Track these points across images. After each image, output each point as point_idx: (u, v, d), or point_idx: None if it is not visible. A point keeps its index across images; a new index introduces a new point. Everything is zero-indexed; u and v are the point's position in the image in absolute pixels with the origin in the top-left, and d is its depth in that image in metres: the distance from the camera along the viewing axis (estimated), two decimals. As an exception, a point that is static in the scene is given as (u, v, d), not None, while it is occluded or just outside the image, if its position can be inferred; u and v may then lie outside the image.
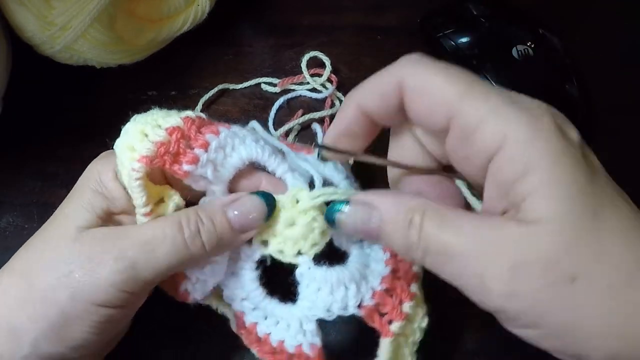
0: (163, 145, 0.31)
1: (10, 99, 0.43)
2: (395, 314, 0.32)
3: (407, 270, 0.33)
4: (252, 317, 0.33)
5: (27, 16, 0.40)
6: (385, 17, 0.51)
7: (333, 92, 0.46)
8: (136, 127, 0.31)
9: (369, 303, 0.32)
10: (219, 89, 0.47)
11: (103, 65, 0.44)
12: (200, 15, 0.45)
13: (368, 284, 0.32)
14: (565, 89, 0.44)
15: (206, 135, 0.32)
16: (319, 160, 0.32)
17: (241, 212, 0.31)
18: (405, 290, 0.32)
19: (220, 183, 0.33)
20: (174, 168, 0.31)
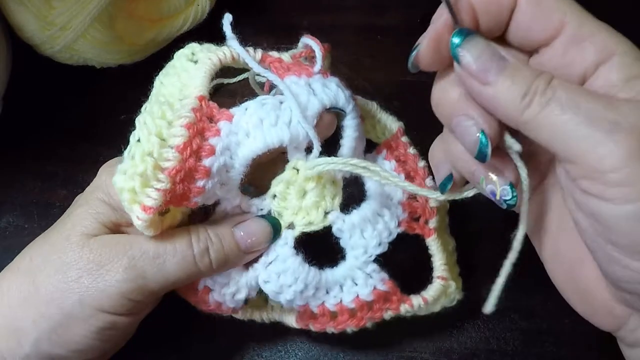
0: (168, 192, 0.29)
1: (10, 99, 0.43)
2: (427, 213, 0.35)
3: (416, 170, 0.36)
4: (317, 300, 0.33)
5: (27, 16, 0.40)
6: (385, 17, 0.51)
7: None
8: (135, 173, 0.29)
9: (404, 216, 0.34)
10: (214, 84, 0.47)
11: (103, 65, 0.44)
12: (200, 15, 0.45)
13: (394, 199, 0.34)
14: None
15: (205, 161, 0.30)
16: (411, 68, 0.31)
17: (249, 234, 0.32)
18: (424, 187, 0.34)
19: (231, 190, 0.33)
20: (183, 204, 0.31)
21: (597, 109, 0.24)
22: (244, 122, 0.31)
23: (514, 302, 0.40)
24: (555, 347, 0.39)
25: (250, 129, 0.31)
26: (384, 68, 0.48)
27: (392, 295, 0.33)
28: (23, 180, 0.44)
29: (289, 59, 0.34)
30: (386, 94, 0.47)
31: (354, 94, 0.35)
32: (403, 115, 0.46)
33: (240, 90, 0.47)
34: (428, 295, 0.34)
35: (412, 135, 0.45)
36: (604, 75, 0.26)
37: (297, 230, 0.33)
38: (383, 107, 0.46)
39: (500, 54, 0.26)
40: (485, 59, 0.26)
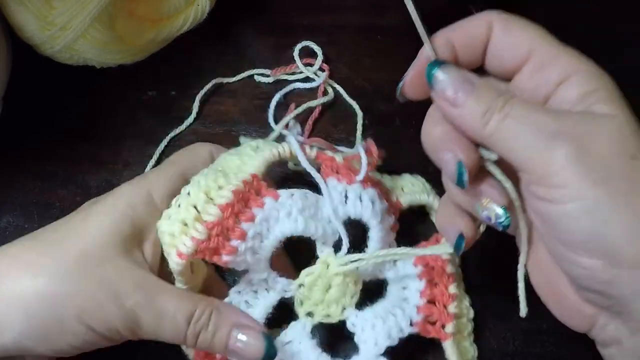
0: (202, 242, 0.32)
1: (10, 99, 0.43)
2: (444, 318, 0.36)
3: (441, 275, 0.37)
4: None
5: (27, 16, 0.40)
6: (385, 17, 0.51)
7: (325, 80, 0.46)
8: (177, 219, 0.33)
9: (418, 318, 0.36)
10: (213, 83, 0.47)
11: (103, 65, 0.44)
12: (200, 15, 0.45)
13: (410, 302, 0.36)
14: (565, 89, 0.44)
15: (243, 224, 0.33)
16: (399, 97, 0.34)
17: (242, 343, 0.32)
18: (445, 294, 0.36)
19: (260, 262, 0.35)
20: (213, 259, 0.33)
21: (545, 121, 0.27)
22: (288, 204, 0.34)
23: (514, 302, 0.40)
24: (555, 347, 0.39)
25: (292, 211, 0.34)
26: (384, 68, 0.48)
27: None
28: (23, 180, 0.44)
29: (341, 160, 0.36)
30: (386, 94, 0.47)
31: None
32: (403, 115, 0.46)
33: (241, 89, 0.48)
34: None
35: (412, 135, 0.45)
36: (563, 93, 0.28)
37: (315, 319, 0.36)
38: (383, 109, 0.46)
39: (469, 79, 0.29)
40: (456, 84, 0.29)
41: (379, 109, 0.46)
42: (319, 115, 0.46)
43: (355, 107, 0.46)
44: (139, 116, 0.47)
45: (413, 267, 0.37)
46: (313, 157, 0.37)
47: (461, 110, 0.28)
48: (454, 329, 0.36)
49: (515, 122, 0.27)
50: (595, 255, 0.26)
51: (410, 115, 0.46)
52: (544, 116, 0.27)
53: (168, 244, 0.32)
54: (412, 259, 0.37)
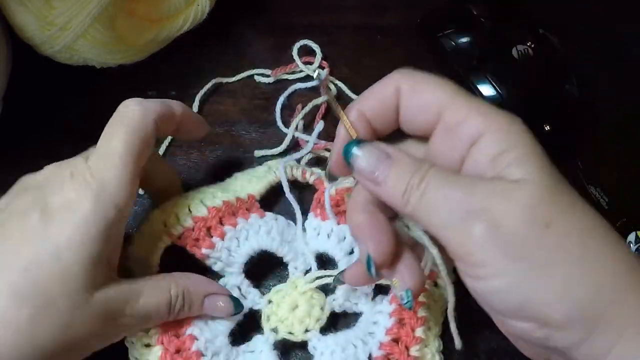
0: (188, 230, 0.37)
1: (10, 99, 0.43)
2: (404, 358, 0.36)
3: (411, 317, 0.37)
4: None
5: (27, 16, 0.40)
6: (385, 17, 0.51)
7: (326, 77, 0.47)
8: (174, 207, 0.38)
9: (378, 354, 0.36)
10: (213, 83, 0.47)
11: (103, 65, 0.44)
12: (200, 15, 0.45)
13: (375, 337, 0.37)
14: (565, 89, 0.44)
15: (225, 227, 0.38)
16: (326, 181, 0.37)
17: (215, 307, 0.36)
18: (409, 336, 0.37)
19: (234, 265, 0.38)
20: (194, 249, 0.37)
21: (458, 198, 0.27)
22: (270, 224, 0.39)
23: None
24: (555, 347, 0.39)
25: (272, 231, 0.38)
26: (384, 68, 0.48)
27: None
28: (23, 180, 0.44)
29: (333, 192, 0.39)
30: (386, 94, 0.47)
31: None
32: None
33: (240, 89, 0.48)
34: None
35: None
36: (475, 156, 0.28)
37: (279, 335, 0.37)
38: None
39: (385, 154, 0.29)
40: (373, 162, 0.29)
41: (379, 109, 0.46)
42: (321, 115, 0.46)
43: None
44: (139, 116, 0.46)
45: (387, 305, 0.38)
46: (312, 181, 0.41)
47: (383, 188, 0.29)
48: (419, 353, 0.37)
49: (431, 201, 0.27)
50: (527, 320, 0.27)
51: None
52: (457, 191, 0.27)
53: (158, 229, 0.37)
54: (389, 297, 0.38)
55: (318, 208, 0.40)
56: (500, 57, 0.44)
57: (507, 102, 0.42)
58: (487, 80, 0.43)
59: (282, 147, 0.45)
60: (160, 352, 0.35)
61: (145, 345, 0.35)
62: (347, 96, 0.47)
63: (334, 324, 0.39)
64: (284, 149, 0.45)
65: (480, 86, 0.43)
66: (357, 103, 0.32)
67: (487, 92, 0.43)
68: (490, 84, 0.43)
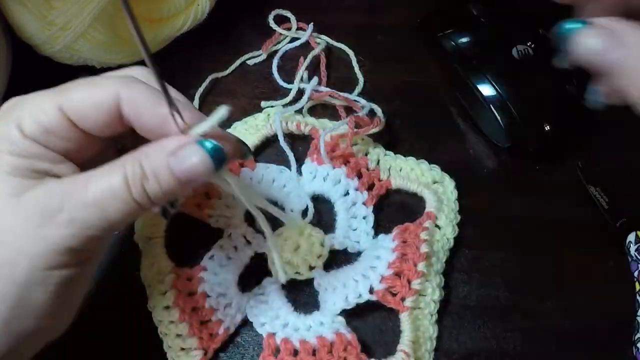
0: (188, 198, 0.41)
1: (10, 99, 0.43)
2: (405, 291, 0.37)
3: (414, 252, 0.38)
4: (285, 333, 0.37)
5: (27, 16, 0.40)
6: (385, 17, 0.51)
7: (311, 34, 0.48)
8: None
9: (380, 287, 0.37)
10: (210, 80, 0.47)
11: (103, 65, 0.44)
12: (200, 15, 0.45)
13: (377, 271, 0.38)
14: (565, 89, 0.44)
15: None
16: None
17: (187, 165, 0.29)
18: (412, 270, 0.38)
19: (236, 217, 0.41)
20: (197, 213, 0.41)
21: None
22: (261, 174, 0.42)
23: (514, 302, 0.40)
24: (555, 347, 0.39)
25: (263, 180, 0.41)
26: (384, 68, 0.48)
27: (354, 349, 0.36)
28: (23, 180, 0.44)
29: (328, 138, 0.42)
30: (386, 94, 0.47)
31: None
32: (403, 115, 0.46)
33: (241, 90, 0.47)
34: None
35: (412, 134, 0.45)
36: None
37: (288, 275, 0.39)
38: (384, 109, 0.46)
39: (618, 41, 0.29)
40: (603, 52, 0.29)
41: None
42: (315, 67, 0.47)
43: (345, 49, 0.48)
44: (139, 116, 0.46)
45: (391, 241, 0.39)
46: (307, 132, 0.43)
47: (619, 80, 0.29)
48: (413, 304, 0.38)
49: None
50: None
51: (410, 115, 0.46)
52: None
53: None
54: (392, 234, 0.40)
55: (315, 153, 0.42)
56: (500, 57, 0.44)
57: (507, 102, 0.42)
58: (487, 80, 0.43)
59: (288, 98, 0.46)
60: (179, 313, 0.37)
61: (165, 307, 0.37)
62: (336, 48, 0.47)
63: (338, 262, 0.40)
64: (290, 101, 0.46)
65: (480, 86, 0.43)
66: None
67: (487, 92, 0.43)
68: (490, 84, 0.43)
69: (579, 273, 0.40)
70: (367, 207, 0.41)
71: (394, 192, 0.43)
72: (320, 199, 0.42)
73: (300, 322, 0.38)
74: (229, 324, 0.37)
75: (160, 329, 0.37)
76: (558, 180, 0.43)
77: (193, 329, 0.36)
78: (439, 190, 0.42)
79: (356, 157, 0.42)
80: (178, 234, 0.41)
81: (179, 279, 0.38)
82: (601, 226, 0.41)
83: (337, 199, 0.41)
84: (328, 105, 0.46)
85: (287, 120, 0.43)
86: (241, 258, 0.39)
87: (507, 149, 0.44)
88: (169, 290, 0.37)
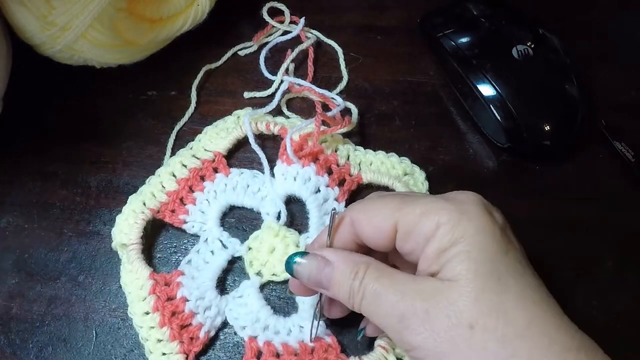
0: (164, 204, 0.41)
1: (10, 99, 0.43)
2: None
3: None
4: (266, 336, 0.37)
5: (27, 16, 0.40)
6: (385, 17, 0.51)
7: (302, 29, 0.49)
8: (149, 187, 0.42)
9: None
10: (204, 71, 0.48)
11: (103, 65, 0.44)
12: (200, 15, 0.45)
13: None
14: (565, 89, 0.44)
15: (194, 193, 0.42)
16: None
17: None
18: None
19: (210, 221, 0.41)
20: (172, 219, 0.41)
21: (390, 302, 0.29)
22: (235, 180, 0.42)
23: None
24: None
25: (237, 187, 0.42)
26: (384, 68, 0.48)
27: (334, 350, 0.37)
28: (23, 180, 0.44)
29: (296, 138, 0.42)
30: (386, 94, 0.47)
31: None
32: (403, 114, 0.46)
33: (241, 90, 0.47)
34: (366, 359, 0.36)
35: (412, 135, 0.45)
36: (426, 252, 0.30)
37: (264, 278, 0.39)
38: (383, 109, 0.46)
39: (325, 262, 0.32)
40: (315, 274, 0.32)
41: (379, 109, 0.46)
42: (300, 61, 0.48)
43: (335, 46, 0.49)
44: (139, 116, 0.47)
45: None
46: (276, 132, 0.44)
47: (332, 293, 0.32)
48: None
49: (370, 304, 0.30)
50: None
51: (410, 115, 0.46)
52: (390, 295, 0.29)
53: (138, 208, 0.41)
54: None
55: (284, 154, 0.42)
56: (500, 57, 0.44)
57: (507, 102, 0.42)
58: (487, 80, 0.43)
59: (271, 90, 0.47)
60: (159, 318, 0.37)
61: (145, 313, 0.38)
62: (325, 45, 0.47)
63: None
64: (272, 92, 0.46)
65: (480, 86, 0.43)
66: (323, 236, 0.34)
67: (487, 92, 0.43)
68: (490, 84, 0.43)
69: (577, 276, 0.40)
70: (339, 203, 0.42)
71: (366, 186, 0.43)
72: (293, 200, 0.42)
73: (280, 325, 0.38)
74: (209, 327, 0.38)
75: (141, 334, 0.37)
76: (558, 180, 0.43)
77: (174, 333, 0.37)
78: (409, 182, 0.42)
79: (325, 154, 0.42)
80: (153, 240, 0.41)
81: (157, 285, 0.38)
82: (600, 228, 0.41)
83: (308, 197, 0.41)
84: (309, 100, 0.47)
85: (257, 121, 0.44)
86: (218, 262, 0.40)
87: (507, 149, 0.44)
88: (148, 296, 0.38)
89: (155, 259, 0.41)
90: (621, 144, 0.43)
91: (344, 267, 0.31)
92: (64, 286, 0.40)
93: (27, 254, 0.41)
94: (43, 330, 0.39)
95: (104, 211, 0.43)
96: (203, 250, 0.40)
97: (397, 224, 0.31)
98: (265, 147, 0.44)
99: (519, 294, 0.28)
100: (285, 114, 0.46)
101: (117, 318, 0.39)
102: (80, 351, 0.38)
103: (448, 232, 0.29)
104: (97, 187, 0.44)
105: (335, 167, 0.42)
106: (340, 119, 0.43)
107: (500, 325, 0.27)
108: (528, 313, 0.28)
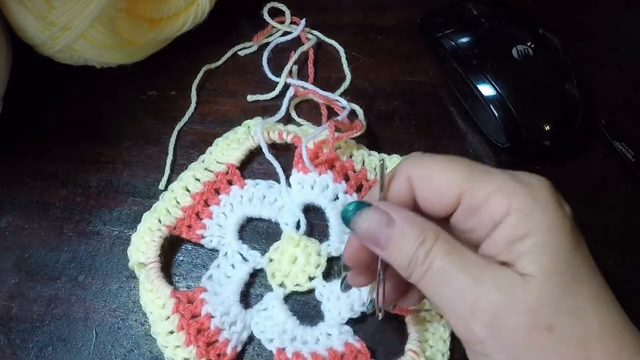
0: (180, 220, 0.41)
1: (10, 99, 0.43)
2: None
3: None
4: (295, 347, 0.37)
5: (27, 16, 0.40)
6: (385, 17, 0.51)
7: (303, 29, 0.48)
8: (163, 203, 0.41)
9: None
10: (203, 71, 0.48)
11: (103, 65, 0.44)
12: (200, 15, 0.45)
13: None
14: (565, 89, 0.44)
15: (210, 207, 0.41)
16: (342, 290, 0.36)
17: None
18: None
19: (228, 235, 0.41)
20: (189, 234, 0.40)
21: (462, 286, 0.26)
22: (251, 192, 0.42)
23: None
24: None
25: (253, 198, 0.42)
26: (384, 68, 0.48)
27: (363, 356, 0.37)
28: (23, 180, 0.44)
29: (311, 145, 0.42)
30: (386, 94, 0.47)
31: None
32: (403, 114, 0.46)
33: (241, 90, 0.47)
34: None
35: (412, 134, 0.45)
36: (493, 237, 0.28)
37: (287, 289, 0.39)
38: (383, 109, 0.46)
39: (388, 219, 0.28)
40: (374, 229, 0.29)
41: (379, 109, 0.46)
42: (300, 62, 0.48)
43: (336, 46, 0.49)
44: (139, 116, 0.47)
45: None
46: (290, 140, 0.43)
47: (386, 254, 0.29)
48: (418, 306, 0.38)
49: (436, 282, 0.27)
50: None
51: (410, 115, 0.46)
52: (463, 279, 0.27)
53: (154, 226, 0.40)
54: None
55: (300, 163, 0.42)
56: (500, 57, 0.44)
57: (506, 102, 0.42)
58: (487, 80, 0.43)
59: (275, 92, 0.46)
60: (185, 337, 0.36)
61: (169, 332, 0.37)
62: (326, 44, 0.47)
63: (337, 267, 0.40)
64: (277, 95, 0.46)
65: (480, 86, 0.43)
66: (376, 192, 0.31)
67: (487, 92, 0.43)
68: (490, 84, 0.43)
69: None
70: None
71: None
72: (312, 208, 0.42)
73: (308, 335, 0.37)
74: (235, 342, 0.37)
75: (166, 354, 0.37)
76: (558, 180, 0.43)
77: (200, 351, 0.36)
78: None
79: (341, 160, 0.42)
80: (171, 257, 0.41)
81: (180, 303, 0.37)
82: (600, 228, 0.41)
83: (327, 204, 0.41)
84: (313, 102, 0.46)
85: (268, 131, 0.43)
86: (240, 275, 0.39)
87: (507, 149, 0.44)
88: (172, 315, 0.37)
89: (174, 276, 0.40)
90: (621, 144, 0.43)
91: (409, 231, 0.28)
92: (64, 286, 0.40)
93: (27, 254, 0.41)
94: (43, 330, 0.39)
95: (104, 211, 0.43)
96: (223, 265, 0.40)
97: (462, 197, 0.28)
98: (278, 157, 0.43)
99: (592, 294, 0.27)
100: (296, 120, 0.45)
101: (117, 318, 0.39)
102: (80, 351, 0.38)
103: (521, 222, 0.27)
104: (97, 187, 0.44)
105: (352, 173, 0.42)
106: (349, 122, 0.43)
107: (577, 328, 0.26)
108: (599, 315, 0.26)
